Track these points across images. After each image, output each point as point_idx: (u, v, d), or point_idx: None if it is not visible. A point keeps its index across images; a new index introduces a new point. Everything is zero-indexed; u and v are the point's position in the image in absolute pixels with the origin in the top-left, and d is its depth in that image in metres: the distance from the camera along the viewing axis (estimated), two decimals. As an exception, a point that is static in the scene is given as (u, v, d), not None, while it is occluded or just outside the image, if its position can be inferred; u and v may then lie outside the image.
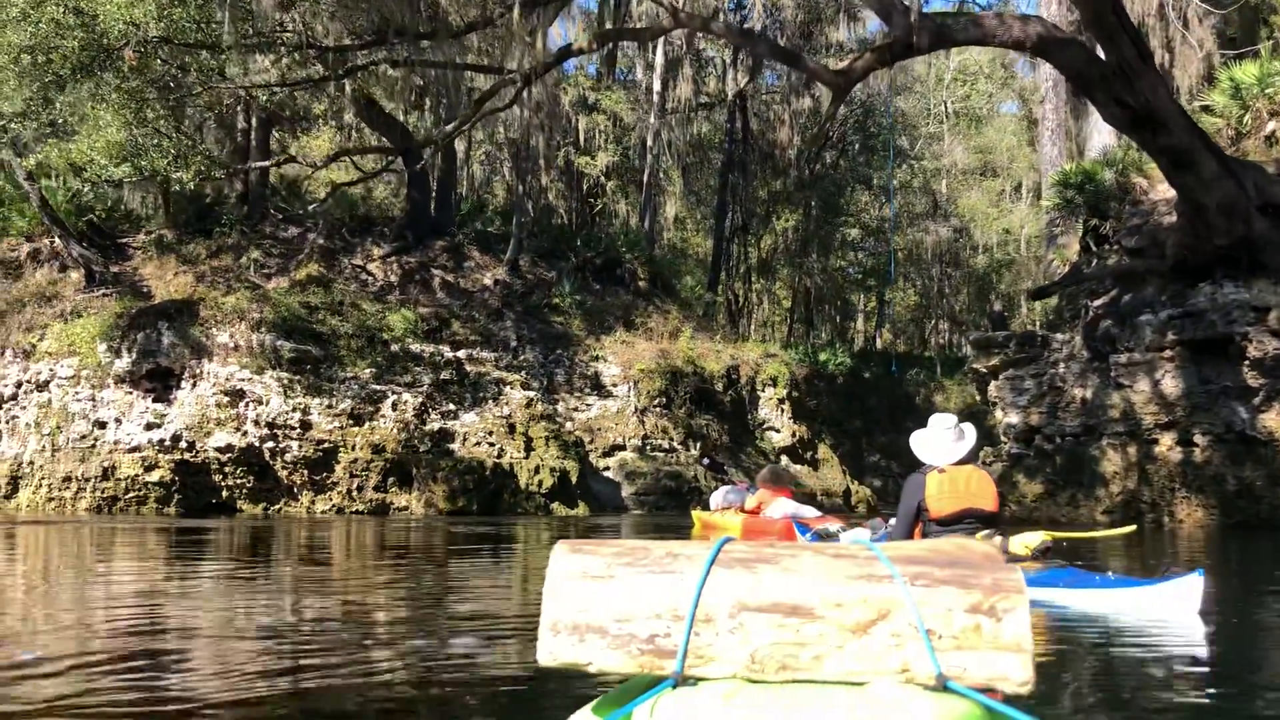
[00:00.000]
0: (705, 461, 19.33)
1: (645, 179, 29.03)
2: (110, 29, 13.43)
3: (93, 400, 17.07)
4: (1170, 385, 14.88)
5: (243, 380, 17.34)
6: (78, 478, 16.28)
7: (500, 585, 7.44)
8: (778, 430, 23.39)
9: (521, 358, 20.76)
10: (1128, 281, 16.07)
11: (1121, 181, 17.06)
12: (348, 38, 15.80)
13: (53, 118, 15.37)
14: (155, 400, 17.16)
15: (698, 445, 21.10)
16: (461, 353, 19.82)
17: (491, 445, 18.43)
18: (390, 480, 17.17)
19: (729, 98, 31.87)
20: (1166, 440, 14.88)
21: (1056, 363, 16.96)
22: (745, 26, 27.50)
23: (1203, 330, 14.50)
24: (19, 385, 17.49)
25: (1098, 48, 13.49)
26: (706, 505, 14.61)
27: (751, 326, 37.24)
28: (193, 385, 17.30)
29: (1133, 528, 8.91)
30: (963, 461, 5.87)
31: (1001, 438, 17.96)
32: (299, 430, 17.19)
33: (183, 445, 16.65)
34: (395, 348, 18.92)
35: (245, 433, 16.92)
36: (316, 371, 17.91)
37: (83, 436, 16.77)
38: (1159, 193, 16.16)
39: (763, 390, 23.56)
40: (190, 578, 7.60)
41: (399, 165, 22.17)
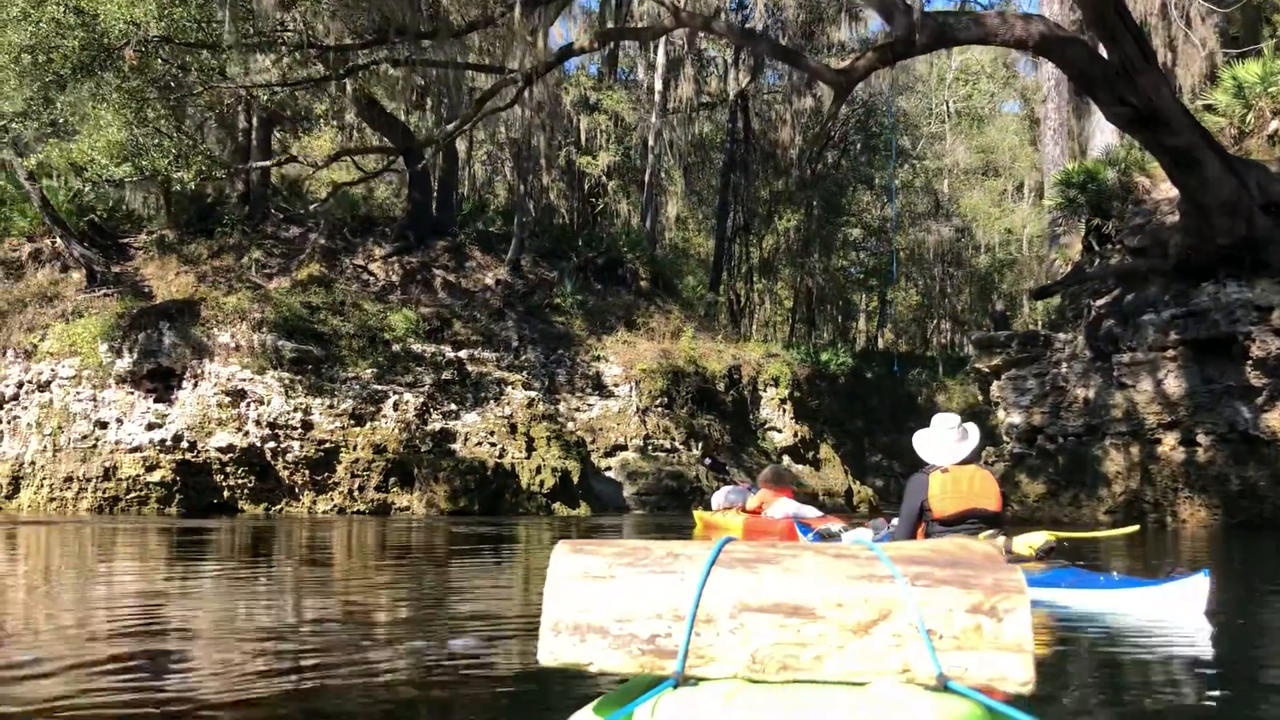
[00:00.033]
0: (707, 461, 19.31)
1: (647, 179, 29.01)
2: (111, 28, 13.42)
3: (94, 400, 17.07)
4: (1173, 385, 14.85)
5: (244, 380, 17.33)
6: (79, 478, 16.27)
7: (502, 585, 7.43)
8: (779, 430, 23.37)
9: (523, 358, 20.74)
10: (1130, 281, 16.04)
11: (1124, 181, 17.02)
12: (348, 37, 15.80)
13: (54, 117, 15.36)
14: (156, 400, 17.15)
15: (699, 445, 21.08)
16: (463, 353, 19.81)
17: (493, 445, 18.42)
18: (392, 480, 17.16)
19: (730, 97, 31.85)
20: (1169, 440, 14.85)
21: (1059, 362, 16.94)
22: (747, 26, 27.48)
23: (1206, 330, 14.47)
24: (20, 385, 17.49)
25: (1100, 47, 13.47)
26: (708, 505, 14.60)
27: (753, 326, 37.22)
28: (194, 385, 17.29)
29: (1136, 528, 8.89)
30: (966, 461, 5.84)
31: (1004, 437, 17.93)
32: (300, 430, 17.18)
33: (184, 445, 16.65)
34: (397, 348, 18.91)
35: (246, 433, 16.91)
36: (318, 371, 17.91)
37: (84, 437, 16.77)
38: (1161, 192, 16.13)
39: (764, 390, 23.53)
40: (191, 578, 7.59)
41: (400, 165, 22.17)
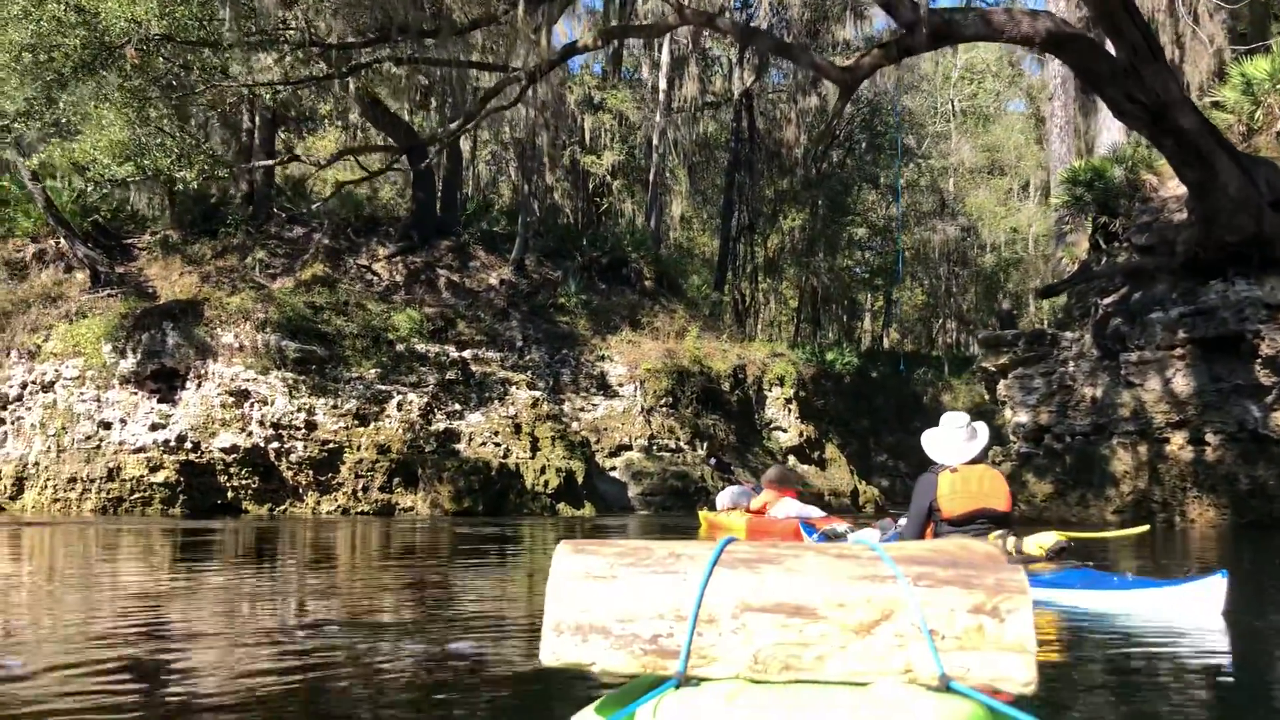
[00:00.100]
0: (712, 462, 19.26)
1: (651, 178, 28.95)
2: (112, 26, 13.39)
3: (98, 401, 17.05)
4: (1181, 383, 14.77)
5: (248, 381, 17.30)
6: (83, 479, 16.26)
7: (505, 586, 7.39)
8: (785, 430, 23.30)
9: (527, 357, 20.70)
10: (1138, 279, 15.96)
11: (1131, 178, 16.94)
12: (351, 35, 15.76)
13: (56, 117, 15.34)
14: (160, 401, 17.13)
15: (704, 445, 21.02)
16: (467, 353, 19.78)
17: (497, 445, 18.38)
18: (395, 481, 17.13)
19: (735, 96, 31.82)
20: (1178, 439, 14.77)
21: (1066, 361, 16.85)
22: (751, 24, 27.41)
23: (1214, 328, 14.39)
24: (24, 386, 17.48)
25: (1107, 43, 13.40)
26: (713, 506, 14.56)
27: (758, 326, 37.17)
28: (198, 386, 17.27)
29: (1146, 528, 8.81)
30: (974, 461, 5.78)
31: (1010, 437, 17.85)
32: (304, 431, 17.15)
33: (188, 446, 16.63)
34: (400, 348, 18.88)
35: (250, 433, 16.89)
36: (322, 372, 17.88)
37: (88, 437, 16.75)
38: (1169, 189, 16.05)
39: (769, 390, 23.47)
40: (194, 579, 7.55)
41: (404, 165, 22.14)
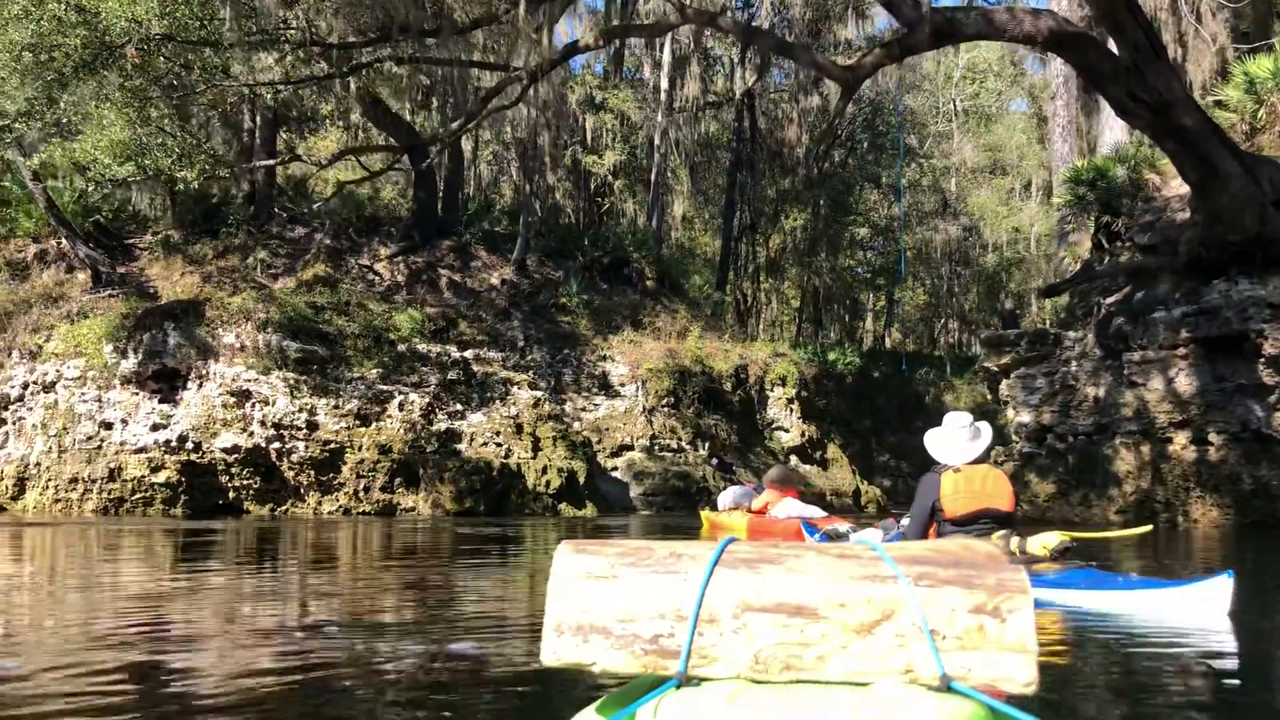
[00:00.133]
0: (714, 462, 19.23)
1: (653, 178, 28.94)
2: (112, 26, 13.37)
3: (99, 401, 17.04)
4: (1184, 383, 14.73)
5: (249, 381, 17.29)
6: (84, 479, 16.24)
7: (506, 586, 7.37)
8: (786, 430, 23.29)
9: (529, 357, 20.68)
10: (1141, 278, 15.92)
11: (1134, 178, 16.91)
12: (352, 35, 15.75)
13: (57, 117, 15.33)
14: (161, 401, 17.12)
15: (706, 445, 21.00)
16: (468, 353, 19.77)
17: (499, 445, 18.36)
18: (397, 481, 17.12)
19: (737, 96, 31.80)
20: (1180, 439, 14.73)
21: (1068, 361, 16.82)
22: (752, 23, 27.38)
23: (1217, 327, 14.35)
24: (25, 386, 17.47)
25: (1109, 42, 13.37)
26: (715, 506, 14.54)
27: (760, 326, 37.14)
28: (199, 386, 17.26)
29: (1150, 528, 8.79)
30: (978, 461, 5.76)
31: (1013, 437, 17.81)
32: (305, 431, 17.14)
33: (189, 446, 16.61)
34: (402, 348, 18.87)
35: (251, 433, 16.88)
36: (323, 372, 17.87)
37: (89, 437, 16.74)
38: (1172, 189, 16.01)
39: (771, 390, 23.45)
40: (195, 579, 7.53)
41: (405, 164, 22.13)
